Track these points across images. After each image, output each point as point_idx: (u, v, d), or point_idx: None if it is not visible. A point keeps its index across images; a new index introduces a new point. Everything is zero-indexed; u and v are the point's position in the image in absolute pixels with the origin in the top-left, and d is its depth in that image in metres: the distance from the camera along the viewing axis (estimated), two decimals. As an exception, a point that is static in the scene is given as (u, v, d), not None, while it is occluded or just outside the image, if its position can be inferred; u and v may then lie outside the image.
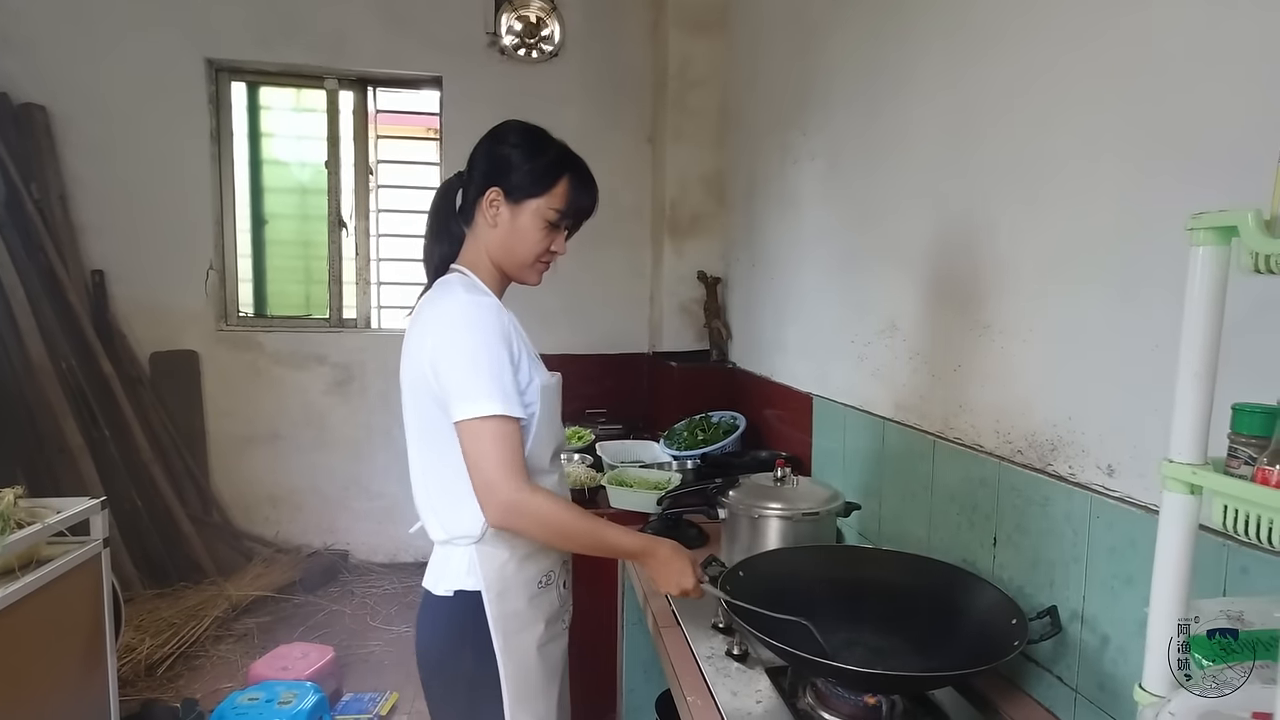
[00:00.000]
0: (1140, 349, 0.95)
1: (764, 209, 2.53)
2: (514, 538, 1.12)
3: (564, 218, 1.17)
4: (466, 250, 1.20)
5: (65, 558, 1.66)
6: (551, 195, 1.15)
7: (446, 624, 1.14)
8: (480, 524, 1.10)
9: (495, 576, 1.12)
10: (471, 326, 1.07)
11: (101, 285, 3.17)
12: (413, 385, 1.12)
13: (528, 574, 1.15)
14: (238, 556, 3.30)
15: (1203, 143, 0.87)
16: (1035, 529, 1.12)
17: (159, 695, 2.37)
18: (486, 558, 1.12)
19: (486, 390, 1.03)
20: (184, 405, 3.30)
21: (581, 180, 1.18)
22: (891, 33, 1.62)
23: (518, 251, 1.17)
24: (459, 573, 1.12)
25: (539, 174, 1.14)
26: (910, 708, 1.05)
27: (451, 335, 1.07)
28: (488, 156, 1.16)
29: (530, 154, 1.15)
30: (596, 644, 1.96)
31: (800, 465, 2.00)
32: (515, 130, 1.17)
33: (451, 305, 1.09)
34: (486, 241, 1.17)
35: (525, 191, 1.14)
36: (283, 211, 3.54)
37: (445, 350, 1.06)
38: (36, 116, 3.04)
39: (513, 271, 1.20)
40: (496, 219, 1.15)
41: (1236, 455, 0.61)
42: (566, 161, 1.17)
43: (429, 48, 3.35)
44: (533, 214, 1.15)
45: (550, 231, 1.17)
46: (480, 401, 1.02)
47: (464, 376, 1.04)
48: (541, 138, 1.18)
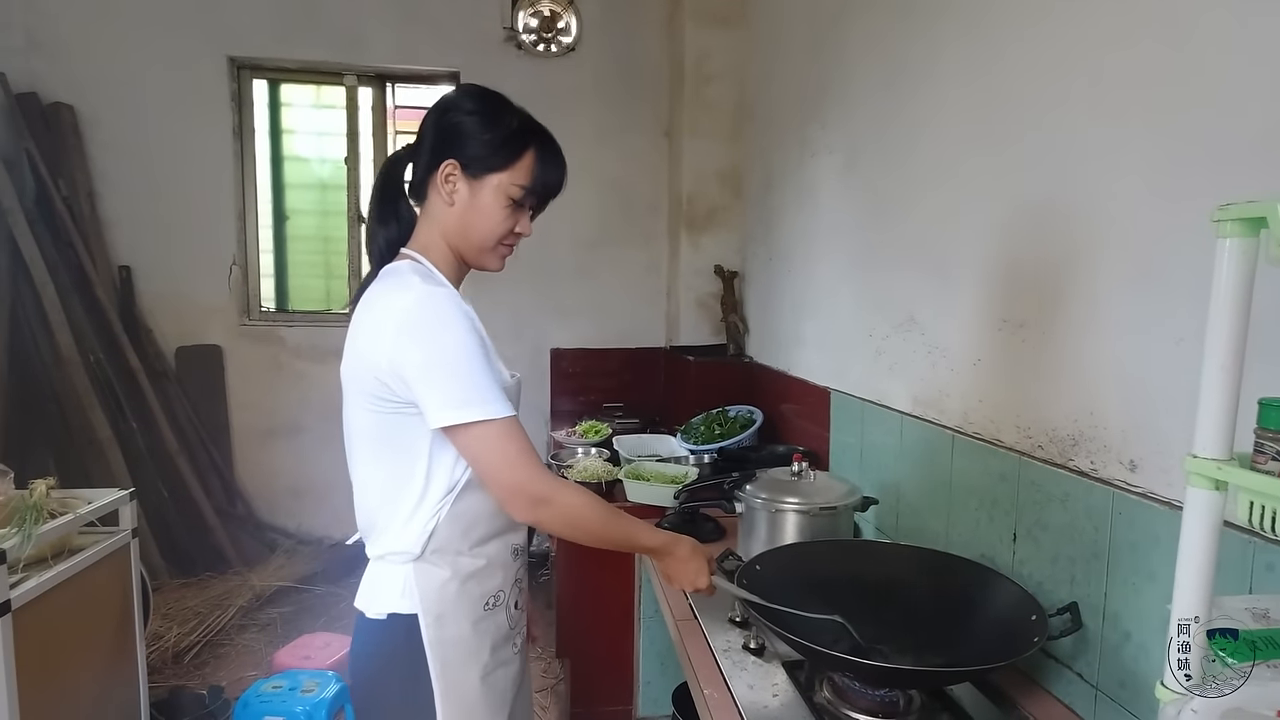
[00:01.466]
0: (1164, 342, 0.94)
1: (781, 203, 2.52)
2: (456, 555, 1.02)
3: (529, 195, 1.04)
4: (419, 233, 1.07)
5: (95, 547, 1.70)
6: (515, 169, 1.02)
7: (378, 650, 1.03)
8: (420, 540, 0.99)
9: (434, 598, 1.00)
10: (442, 323, 0.94)
11: (128, 280, 3.22)
12: (360, 387, 1.00)
13: (472, 595, 1.03)
14: (261, 547, 3.35)
15: (1230, 132, 0.85)
16: (1056, 524, 1.11)
17: (186, 682, 2.43)
18: (424, 577, 1.00)
19: (480, 393, 0.93)
20: (208, 398, 3.35)
21: (549, 152, 1.05)
22: (913, 26, 1.60)
23: (477, 232, 1.04)
24: (392, 594, 1.01)
25: (501, 144, 1.02)
26: (928, 703, 1.05)
27: (420, 334, 0.94)
28: (441, 125, 1.03)
29: (490, 122, 1.02)
30: (613, 636, 1.97)
31: (818, 460, 2.00)
32: (472, 95, 1.05)
33: (409, 299, 0.95)
34: (442, 222, 1.04)
35: (485, 164, 1.01)
36: (303, 207, 3.58)
37: (415, 352, 0.94)
38: (65, 115, 3.10)
39: (471, 256, 1.07)
40: (453, 196, 1.02)
41: (1263, 450, 0.60)
42: (531, 131, 1.04)
43: (446, 43, 3.36)
44: (494, 190, 1.02)
45: (514, 210, 1.04)
46: (476, 406, 0.93)
47: (448, 381, 0.93)
48: (502, 104, 1.05)
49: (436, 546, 1.00)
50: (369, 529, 1.05)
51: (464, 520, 1.02)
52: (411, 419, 0.97)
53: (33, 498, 1.53)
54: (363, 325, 1.00)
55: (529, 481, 0.95)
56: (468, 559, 1.03)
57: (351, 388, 1.03)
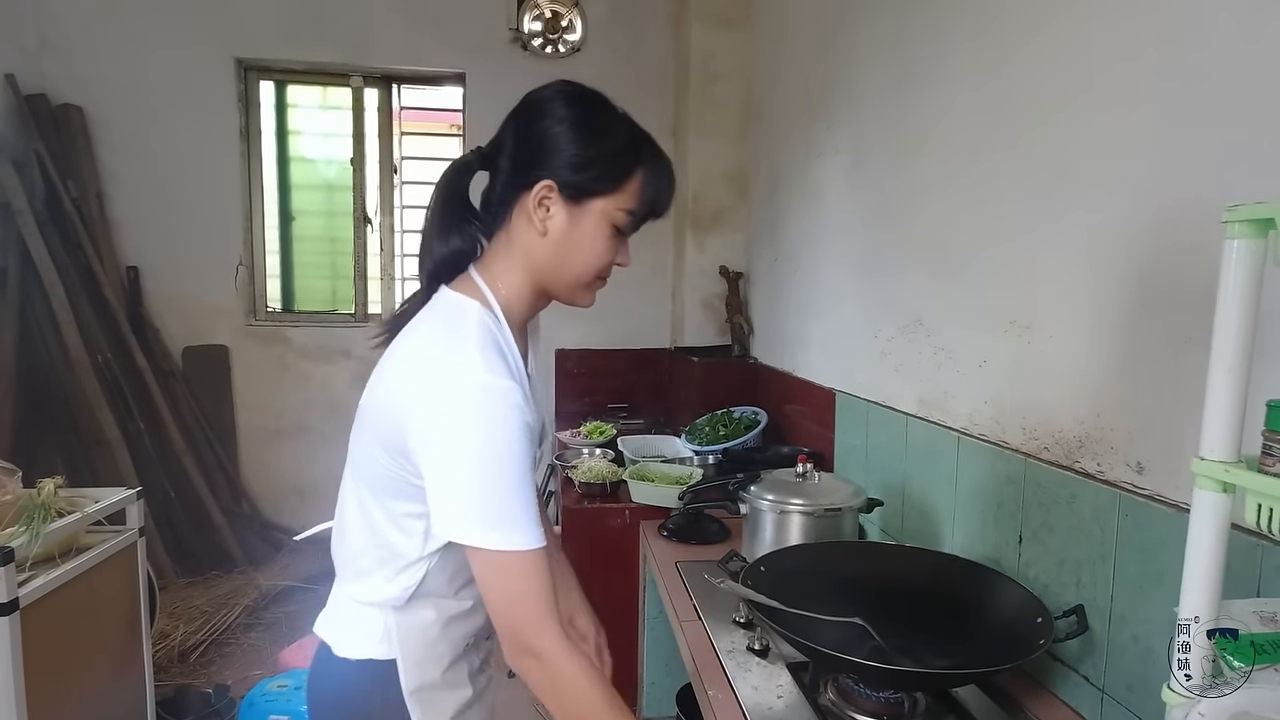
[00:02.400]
0: (1172, 344, 0.94)
1: (787, 203, 2.52)
2: (441, 599, 0.92)
3: (636, 221, 0.89)
4: (492, 259, 0.92)
5: (103, 546, 1.71)
6: (623, 192, 0.87)
7: (349, 692, 0.93)
8: (407, 591, 0.90)
9: (415, 643, 0.92)
10: (493, 426, 0.79)
11: (136, 281, 3.24)
12: (375, 428, 0.88)
13: (453, 637, 0.95)
14: (267, 547, 3.36)
15: (1238, 133, 0.85)
16: (1062, 527, 1.11)
17: (192, 681, 2.44)
18: (407, 622, 0.91)
19: (511, 517, 0.80)
20: (215, 398, 3.37)
21: (659, 168, 0.89)
22: (920, 26, 1.60)
23: (574, 266, 0.89)
24: (371, 638, 0.92)
25: (609, 163, 0.86)
26: (933, 705, 1.05)
27: (459, 432, 0.79)
28: (533, 135, 0.86)
29: (596, 134, 0.86)
30: (617, 637, 1.97)
31: (822, 461, 1.99)
32: (572, 98, 0.87)
33: (461, 381, 0.80)
34: (529, 252, 0.88)
35: (589, 187, 0.86)
36: (309, 208, 3.60)
37: (446, 449, 0.80)
38: (74, 117, 3.12)
39: (562, 292, 0.92)
40: (547, 223, 0.86)
41: (1271, 453, 0.60)
42: (641, 144, 0.88)
43: (452, 44, 3.37)
44: (598, 217, 0.87)
45: (616, 239, 0.90)
46: (502, 531, 0.79)
47: (478, 494, 0.80)
48: (608, 110, 0.88)
49: (422, 592, 0.91)
50: (350, 569, 0.95)
51: (452, 566, 0.92)
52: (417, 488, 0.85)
53: (40, 497, 1.54)
54: (399, 370, 0.86)
55: (531, 629, 0.81)
56: (452, 601, 0.94)
57: (367, 423, 0.90)
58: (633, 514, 1.99)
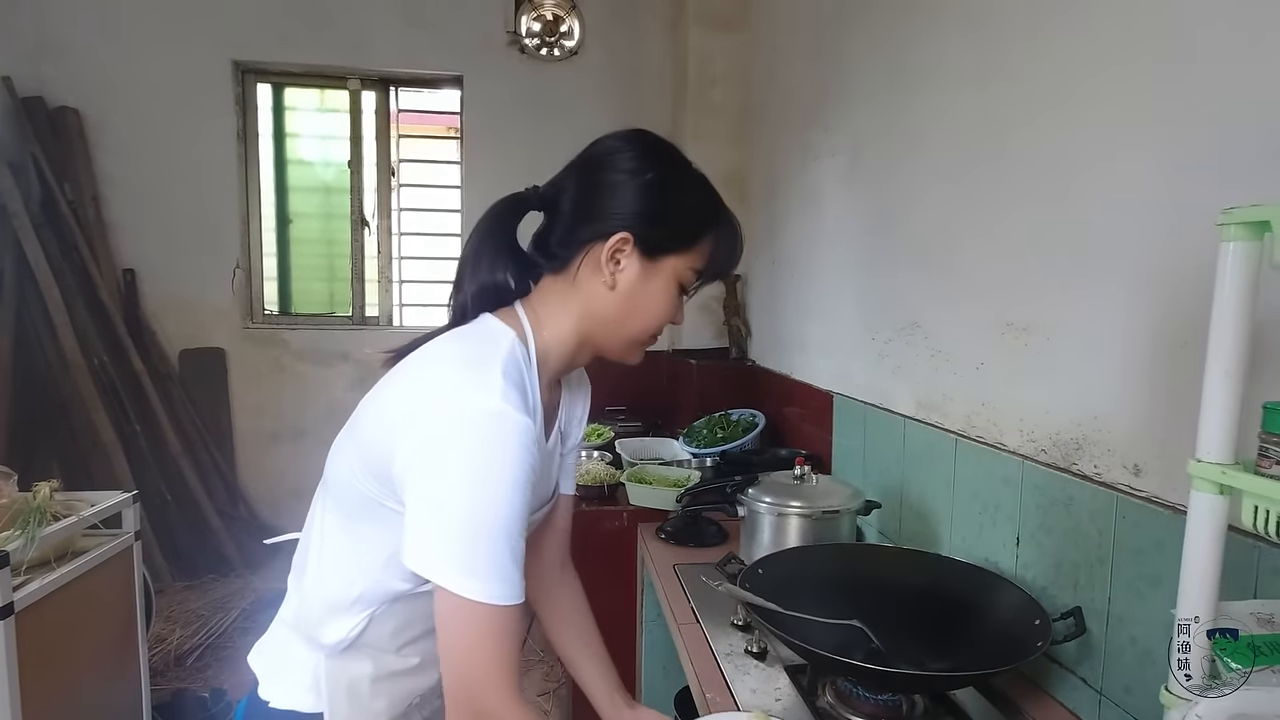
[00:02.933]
0: (1169, 346, 0.94)
1: (784, 206, 2.52)
2: (381, 654, 0.85)
3: (702, 282, 0.87)
4: (545, 301, 0.86)
5: (99, 550, 1.70)
6: (695, 252, 0.85)
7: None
8: (344, 636, 0.82)
9: (344, 698, 0.83)
10: (491, 457, 0.72)
11: (133, 284, 3.24)
12: (364, 445, 0.80)
13: (392, 696, 0.86)
14: (264, 550, 3.35)
15: (1235, 136, 0.85)
16: (1059, 529, 1.11)
17: (188, 685, 2.43)
18: (337, 673, 0.83)
19: (494, 565, 0.71)
20: (211, 401, 3.37)
21: (732, 230, 0.87)
22: (915, 30, 1.61)
23: (637, 322, 0.85)
24: (300, 686, 0.84)
25: (689, 221, 0.84)
26: (931, 707, 1.05)
27: (456, 457, 0.72)
28: (609, 184, 0.82)
29: (678, 191, 0.84)
30: (615, 640, 1.96)
31: (820, 463, 1.99)
32: (657, 152, 0.84)
33: (475, 406, 0.73)
34: (591, 303, 0.84)
35: (668, 245, 0.83)
36: (307, 211, 3.60)
37: (440, 470, 0.72)
38: (70, 119, 3.11)
39: (615, 347, 0.88)
40: (618, 276, 0.82)
41: (1268, 455, 0.60)
42: (714, 202, 0.87)
43: (450, 47, 3.37)
44: (669, 275, 0.84)
45: (679, 298, 0.87)
46: (479, 580, 0.71)
47: (462, 530, 0.71)
48: (685, 167, 0.86)
49: (361, 643, 0.84)
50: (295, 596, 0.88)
51: (399, 619, 0.84)
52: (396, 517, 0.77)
53: (36, 500, 1.54)
54: (407, 385, 0.80)
55: (482, 684, 0.73)
56: (393, 658, 0.86)
57: (354, 437, 0.83)
58: (630, 517, 1.99)
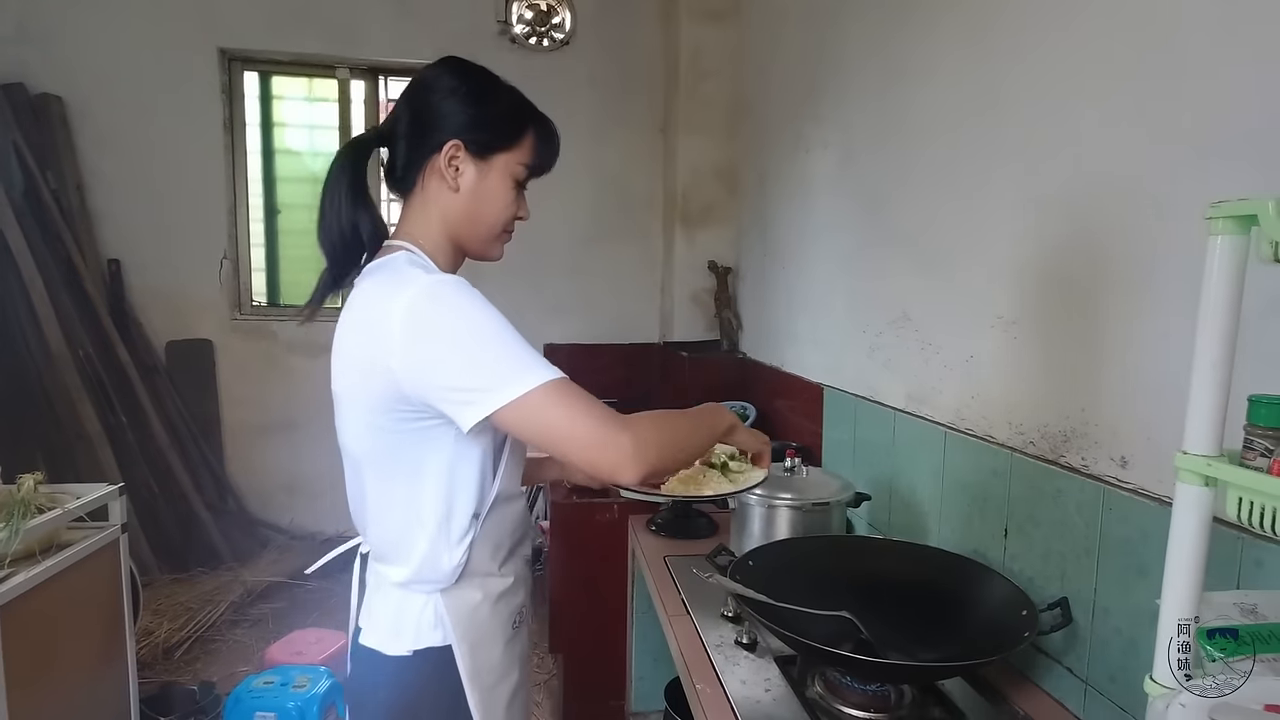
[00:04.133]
0: (1155, 339, 0.94)
1: (776, 198, 2.52)
2: (486, 577, 0.95)
3: (531, 174, 0.99)
4: (406, 224, 0.97)
5: (85, 543, 1.69)
6: (520, 147, 0.96)
7: (404, 690, 0.93)
8: (454, 566, 0.92)
9: (468, 625, 0.93)
10: (456, 310, 0.83)
11: (118, 274, 3.20)
12: (365, 403, 0.89)
13: (502, 617, 0.98)
14: (253, 543, 3.34)
15: (1221, 129, 0.86)
16: (1047, 520, 1.12)
17: (176, 678, 2.42)
18: (456, 604, 0.93)
19: (523, 361, 0.81)
20: (199, 393, 3.34)
21: (546, 128, 1.00)
22: (907, 21, 1.60)
23: (486, 217, 0.96)
24: (422, 626, 0.93)
25: (505, 121, 0.95)
26: (920, 698, 1.05)
27: (436, 323, 0.83)
28: (434, 106, 0.94)
29: (490, 97, 0.96)
30: (606, 632, 1.97)
31: (811, 455, 2.00)
32: (462, 71, 0.96)
33: (412, 293, 0.83)
34: (443, 209, 0.95)
35: (491, 143, 0.94)
36: (295, 201, 3.56)
37: (432, 343, 0.82)
38: (53, 106, 3.06)
39: (476, 245, 0.99)
40: (459, 179, 0.94)
41: (1252, 447, 0.60)
42: (527, 107, 0.99)
43: (439, 36, 3.33)
44: (501, 170, 0.95)
45: (517, 192, 0.98)
46: (525, 375, 0.80)
47: (482, 360, 0.82)
48: (495, 80, 0.98)
49: (469, 570, 0.93)
50: (389, 554, 0.95)
51: (493, 539, 0.95)
52: (432, 432, 0.87)
53: (20, 493, 1.52)
54: (358, 327, 0.90)
55: (604, 432, 0.81)
56: (497, 579, 0.97)
57: (350, 404, 0.92)
58: (621, 509, 1.99)
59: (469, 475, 0.91)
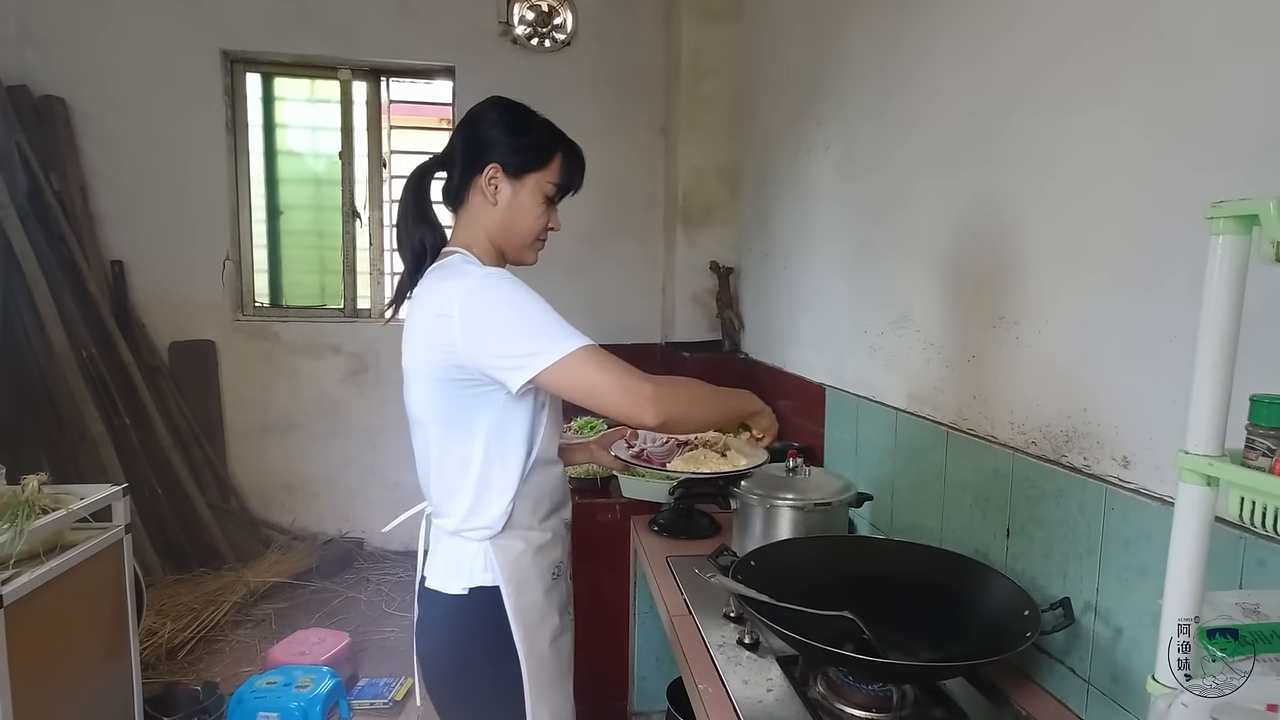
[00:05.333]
0: (1157, 339, 0.94)
1: (777, 199, 2.52)
2: (528, 530, 1.12)
3: (560, 192, 1.18)
4: (459, 233, 1.16)
5: (88, 543, 1.69)
6: (549, 169, 1.15)
7: (461, 623, 1.11)
8: (501, 517, 1.09)
9: (512, 569, 1.10)
10: (505, 290, 1.02)
11: (121, 275, 3.21)
12: (428, 371, 1.07)
13: (541, 566, 1.14)
14: (255, 544, 3.34)
15: (1224, 129, 0.86)
16: (1049, 520, 1.12)
17: (180, 678, 2.42)
18: (503, 550, 1.10)
19: (559, 331, 1.01)
20: (202, 394, 3.34)
21: (573, 153, 1.18)
22: (908, 23, 1.60)
23: (519, 228, 1.15)
24: (474, 568, 1.10)
25: (536, 147, 1.14)
26: (922, 698, 1.05)
27: (487, 305, 1.02)
28: (479, 135, 1.14)
29: (524, 129, 1.14)
30: (609, 632, 1.97)
31: (812, 456, 2.00)
32: (503, 106, 1.16)
33: (469, 281, 1.04)
34: (485, 221, 1.14)
35: (524, 166, 1.13)
36: (297, 202, 3.56)
37: (484, 321, 1.01)
38: (56, 108, 3.07)
39: (513, 251, 1.18)
40: (497, 196, 1.13)
41: (1254, 447, 0.60)
42: (557, 135, 1.17)
43: (441, 38, 3.35)
44: (532, 188, 1.14)
45: (548, 207, 1.17)
46: (560, 343, 0.99)
47: (526, 333, 1.00)
48: (529, 114, 1.17)
49: (513, 522, 1.10)
50: (446, 506, 1.12)
51: (533, 496, 1.12)
52: (485, 398, 1.05)
53: (25, 493, 1.53)
54: (424, 313, 1.07)
55: (634, 389, 1.00)
56: (537, 532, 1.13)
57: (417, 375, 1.10)
58: (623, 509, 1.99)
59: (515, 437, 1.09)
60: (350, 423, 3.44)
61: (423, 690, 1.19)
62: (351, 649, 2.53)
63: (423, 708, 1.23)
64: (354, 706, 2.29)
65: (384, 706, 2.32)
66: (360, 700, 2.33)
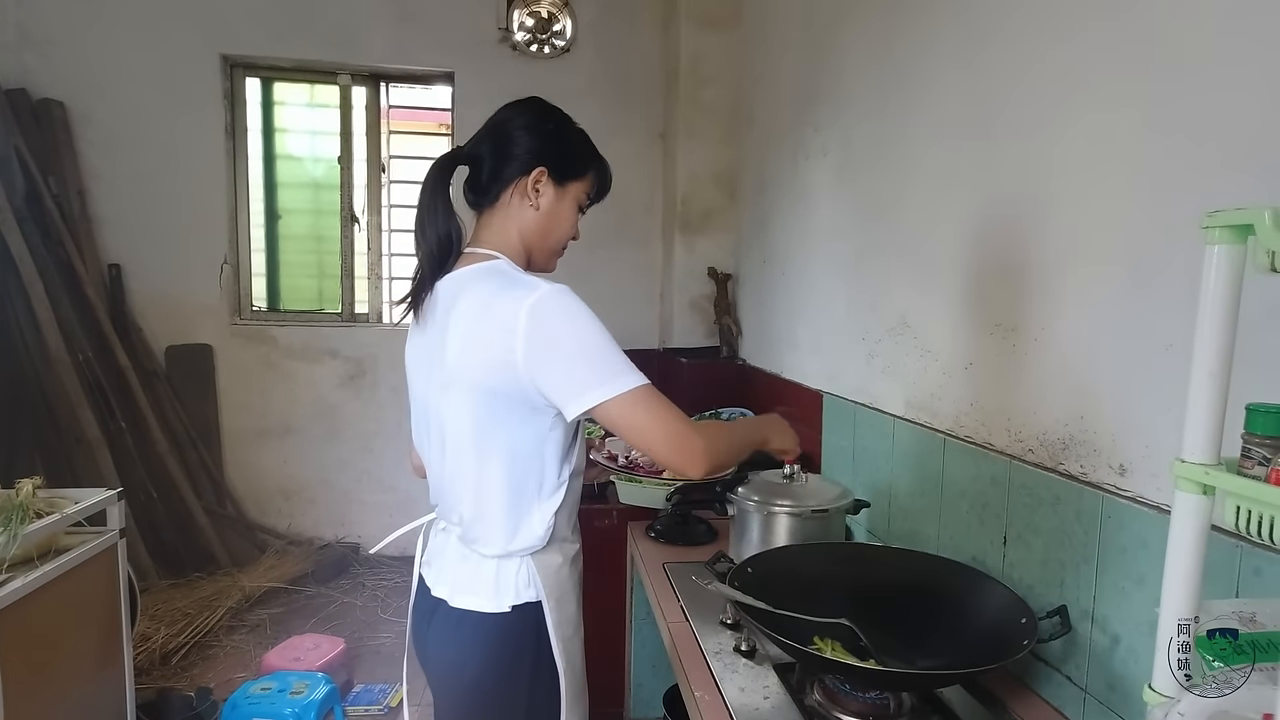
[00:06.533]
0: (1154, 348, 0.95)
1: (775, 205, 2.53)
2: (564, 542, 1.11)
3: (591, 203, 1.17)
4: (488, 233, 1.10)
5: (82, 548, 1.69)
6: (587, 179, 1.14)
7: (500, 640, 1.06)
8: (544, 531, 1.06)
9: (554, 583, 1.08)
10: (575, 311, 0.99)
11: (118, 279, 3.20)
12: (477, 380, 1.01)
13: (575, 576, 1.13)
14: (251, 548, 3.33)
15: (1220, 139, 0.86)
16: (1046, 528, 1.12)
17: (174, 684, 2.41)
18: (545, 566, 1.07)
19: (622, 366, 0.98)
20: (198, 398, 3.33)
21: (605, 165, 1.18)
22: (905, 31, 1.61)
23: (555, 234, 1.13)
24: (518, 586, 1.06)
25: (580, 156, 1.12)
26: (919, 705, 1.05)
27: (556, 325, 0.98)
28: (534, 133, 1.09)
29: (575, 136, 1.13)
30: (605, 639, 1.97)
31: (810, 462, 2.00)
32: (554, 111, 1.13)
33: (538, 296, 0.98)
34: (521, 224, 1.10)
35: (569, 173, 1.11)
36: (296, 206, 3.57)
37: (551, 341, 0.97)
38: (54, 112, 3.07)
39: (541, 257, 1.15)
40: (540, 200, 1.09)
41: (1250, 455, 0.60)
42: (594, 147, 1.16)
43: (441, 43, 3.36)
44: (572, 197, 1.12)
45: (577, 215, 1.16)
46: (621, 378, 0.97)
47: (592, 363, 0.97)
48: (571, 120, 1.16)
49: (552, 539, 1.08)
50: (480, 530, 1.06)
51: (569, 507, 1.11)
52: (532, 416, 1.02)
53: (19, 497, 1.52)
54: (477, 321, 1.00)
55: (682, 435, 0.99)
56: (570, 543, 1.13)
57: (460, 386, 1.03)
58: (620, 515, 1.99)
59: (554, 453, 1.05)
60: (347, 427, 3.43)
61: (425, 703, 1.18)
62: (347, 654, 2.51)
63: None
64: (349, 712, 2.28)
65: (379, 713, 2.31)
66: (355, 706, 2.32)
